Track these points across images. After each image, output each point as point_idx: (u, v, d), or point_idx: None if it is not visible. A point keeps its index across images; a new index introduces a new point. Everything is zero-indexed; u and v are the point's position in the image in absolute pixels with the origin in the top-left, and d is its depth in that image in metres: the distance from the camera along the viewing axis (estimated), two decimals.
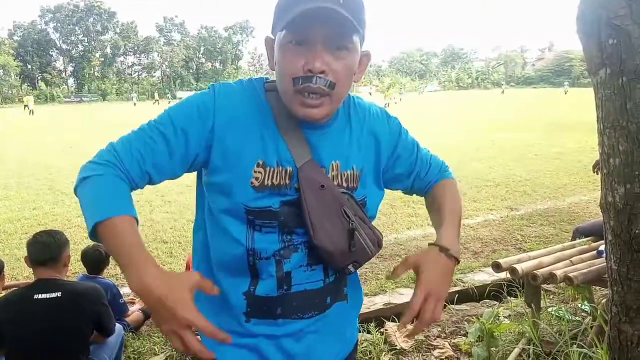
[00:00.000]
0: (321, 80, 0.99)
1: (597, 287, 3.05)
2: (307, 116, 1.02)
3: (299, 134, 1.08)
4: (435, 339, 3.03)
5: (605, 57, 1.95)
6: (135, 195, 1.05)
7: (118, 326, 2.80)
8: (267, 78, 1.16)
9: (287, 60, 1.00)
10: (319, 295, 1.15)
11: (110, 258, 3.49)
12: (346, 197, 1.11)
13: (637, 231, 1.96)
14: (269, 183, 1.06)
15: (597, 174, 2.77)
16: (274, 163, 1.06)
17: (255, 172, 1.05)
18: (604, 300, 2.61)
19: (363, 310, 3.45)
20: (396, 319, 3.31)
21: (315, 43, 0.98)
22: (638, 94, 1.88)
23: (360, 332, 3.04)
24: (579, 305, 3.08)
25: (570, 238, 3.79)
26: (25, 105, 38.60)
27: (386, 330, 3.07)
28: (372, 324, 3.13)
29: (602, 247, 2.84)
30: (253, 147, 1.05)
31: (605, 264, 2.37)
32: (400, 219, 5.99)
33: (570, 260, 2.87)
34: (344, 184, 1.14)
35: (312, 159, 1.08)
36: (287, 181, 1.07)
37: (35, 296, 2.33)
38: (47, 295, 2.33)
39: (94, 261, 3.36)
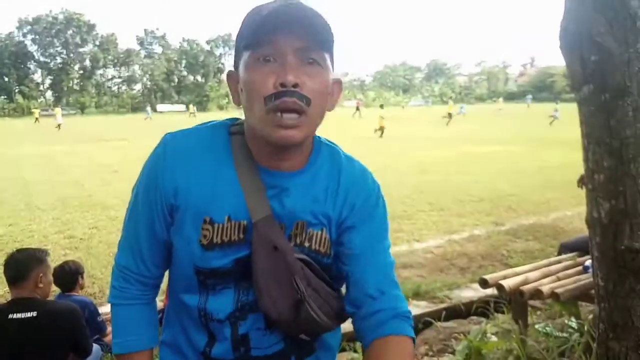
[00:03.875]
0: (296, 95, 0.88)
1: (584, 303, 3.05)
2: (284, 139, 0.90)
3: (260, 185, 0.98)
4: (422, 358, 2.99)
5: (588, 74, 1.97)
6: (118, 211, 1.03)
7: (95, 347, 2.74)
8: (234, 119, 1.07)
9: (256, 80, 0.90)
10: (282, 356, 1.06)
11: (83, 273, 3.42)
12: (300, 266, 0.97)
13: (622, 247, 1.96)
14: (218, 241, 0.97)
15: (582, 189, 2.79)
16: (222, 219, 0.97)
17: (203, 229, 0.97)
18: (591, 317, 2.61)
19: (349, 329, 3.40)
20: None
21: (284, 54, 0.89)
22: (620, 110, 1.90)
23: (346, 350, 2.99)
24: (566, 321, 3.07)
25: (555, 253, 3.80)
26: (37, 119, 38.49)
27: None
28: (359, 342, 3.08)
29: (588, 263, 2.85)
30: (201, 203, 0.97)
31: (591, 279, 2.37)
32: None
33: (557, 276, 2.88)
34: (311, 246, 1.01)
35: (271, 216, 0.97)
36: (241, 236, 0.98)
37: (10, 316, 2.28)
38: (22, 315, 2.28)
39: (65, 278, 3.27)
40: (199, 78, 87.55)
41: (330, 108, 0.99)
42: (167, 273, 1.12)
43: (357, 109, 41.08)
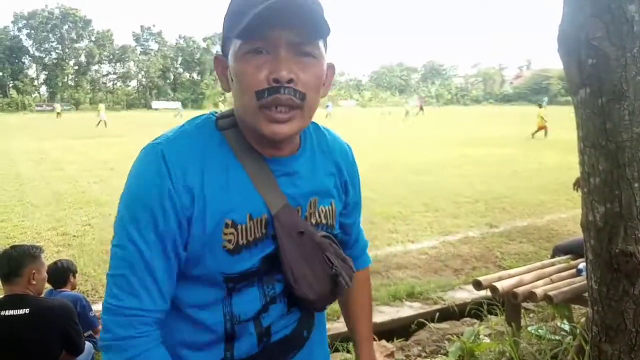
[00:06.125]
0: (290, 91, 0.86)
1: (576, 306, 3.06)
2: (275, 133, 0.89)
3: (270, 175, 0.96)
4: (415, 359, 2.99)
5: (585, 77, 1.97)
6: (112, 209, 0.97)
7: (88, 344, 2.73)
8: (214, 113, 1.01)
9: (247, 72, 0.87)
10: (298, 334, 1.09)
11: (76, 272, 3.42)
12: (328, 242, 1.02)
13: (617, 250, 1.96)
14: (244, 242, 0.93)
15: (578, 191, 2.80)
16: (244, 219, 0.93)
17: (226, 234, 0.92)
18: (584, 319, 2.62)
19: (342, 329, 3.40)
20: (376, 337, 3.26)
21: (278, 48, 0.86)
22: (617, 114, 1.90)
23: (339, 351, 2.99)
24: (559, 324, 3.08)
25: (549, 256, 3.82)
26: (58, 113, 38.13)
27: None
28: (352, 342, 3.08)
29: (581, 266, 2.86)
30: (218, 207, 0.91)
31: (584, 282, 2.38)
32: (380, 235, 5.97)
33: (550, 279, 2.88)
34: (322, 221, 1.05)
35: (288, 204, 0.97)
36: (263, 231, 0.96)
37: (3, 312, 2.27)
38: (15, 312, 2.27)
39: (56, 276, 3.26)
40: (194, 75, 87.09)
41: (323, 94, 0.98)
42: None
43: (421, 108, 39.82)
